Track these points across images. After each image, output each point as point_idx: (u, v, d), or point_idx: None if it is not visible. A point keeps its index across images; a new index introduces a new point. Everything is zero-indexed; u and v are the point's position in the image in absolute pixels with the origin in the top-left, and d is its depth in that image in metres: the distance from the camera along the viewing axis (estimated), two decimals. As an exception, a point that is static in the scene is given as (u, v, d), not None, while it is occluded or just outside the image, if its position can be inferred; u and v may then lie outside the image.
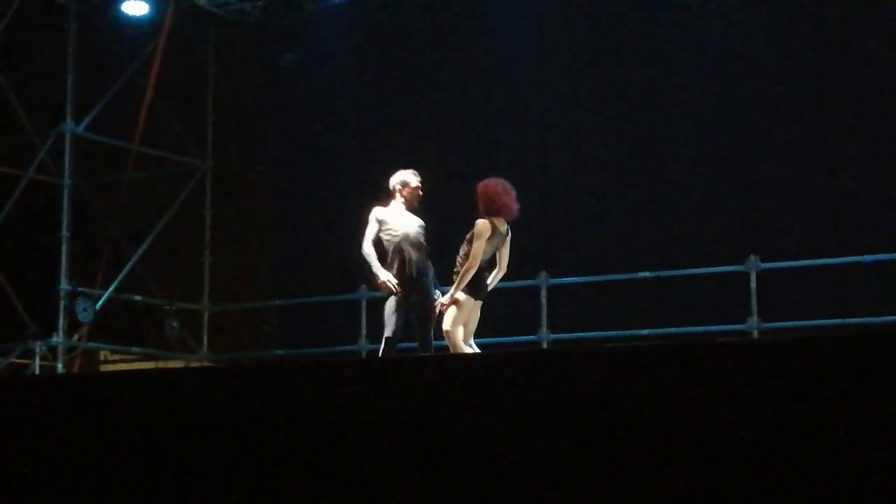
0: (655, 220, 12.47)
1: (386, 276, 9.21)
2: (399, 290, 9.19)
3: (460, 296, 8.93)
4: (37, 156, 13.77)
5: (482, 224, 8.99)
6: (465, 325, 8.97)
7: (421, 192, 9.39)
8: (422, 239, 9.32)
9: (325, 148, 14.44)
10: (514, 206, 9.10)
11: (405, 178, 9.43)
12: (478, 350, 9.07)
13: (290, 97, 14.85)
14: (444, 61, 13.76)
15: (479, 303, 9.04)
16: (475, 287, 8.97)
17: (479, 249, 8.92)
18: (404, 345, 9.38)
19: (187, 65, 15.04)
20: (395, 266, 9.26)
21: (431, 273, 9.31)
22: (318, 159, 14.50)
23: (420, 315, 9.20)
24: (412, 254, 9.25)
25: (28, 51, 14.34)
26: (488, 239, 8.96)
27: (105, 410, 5.19)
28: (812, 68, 11.96)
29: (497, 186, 9.12)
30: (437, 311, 9.03)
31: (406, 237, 9.29)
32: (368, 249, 9.32)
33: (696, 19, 12.42)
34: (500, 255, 9.10)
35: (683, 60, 12.48)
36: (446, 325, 8.94)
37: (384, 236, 9.31)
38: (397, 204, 9.39)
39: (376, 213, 9.39)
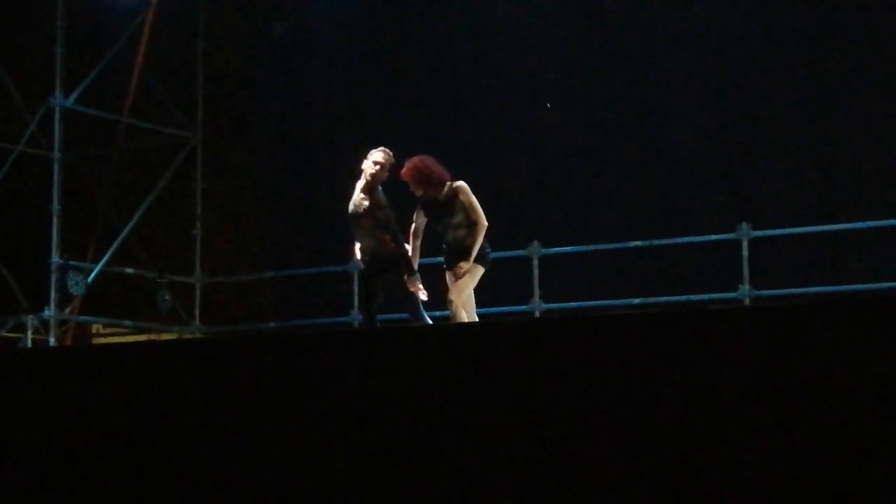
0: (647, 189, 12.47)
1: (355, 248, 9.20)
2: (361, 262, 9.17)
3: (475, 267, 8.84)
4: (26, 129, 13.73)
5: (464, 184, 8.95)
6: (461, 292, 8.88)
7: (372, 172, 8.97)
8: (367, 220, 9.00)
9: (316, 119, 14.41)
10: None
11: (369, 154, 9.15)
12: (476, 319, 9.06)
13: (281, 69, 14.81)
14: (437, 33, 13.71)
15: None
16: (484, 255, 8.93)
17: (478, 206, 8.87)
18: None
19: (177, 36, 14.97)
20: (357, 244, 9.23)
21: (401, 248, 8.97)
22: (309, 130, 14.47)
23: (403, 294, 9.06)
24: (364, 237, 9.08)
25: (16, 23, 14.27)
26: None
27: (98, 383, 5.19)
28: (803, 35, 11.94)
29: (427, 160, 9.00)
30: (456, 279, 8.87)
31: (352, 217, 9.12)
32: None
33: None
34: (421, 226, 9.05)
35: (674, 30, 12.45)
36: (453, 295, 8.84)
37: None
38: (362, 181, 9.14)
39: None
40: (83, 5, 14.27)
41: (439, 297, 9.04)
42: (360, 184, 9.11)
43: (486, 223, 8.84)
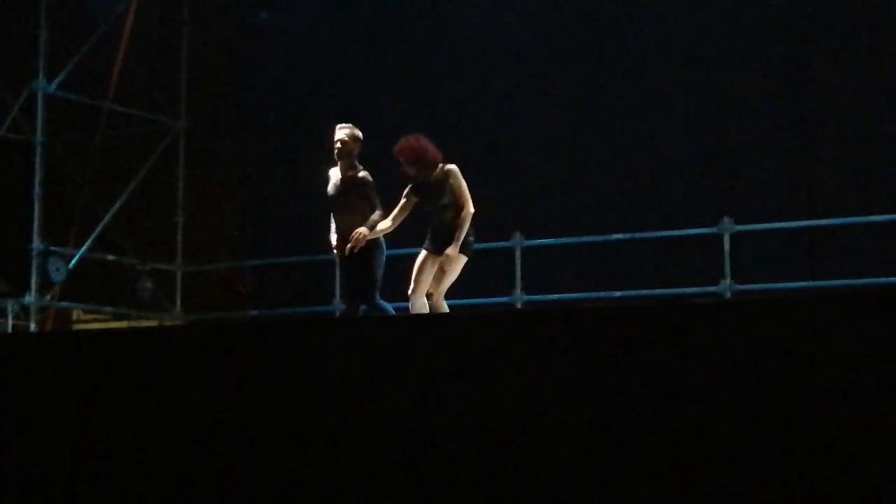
0: (629, 183, 12.49)
1: (330, 237, 9.15)
2: (335, 251, 9.11)
3: (458, 257, 8.76)
4: (9, 114, 13.68)
5: (456, 167, 8.90)
6: (442, 282, 8.85)
7: (338, 148, 9.04)
8: (344, 199, 9.02)
9: (300, 106, 14.38)
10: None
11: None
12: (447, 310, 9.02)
13: (266, 56, 14.78)
14: (421, 20, 13.71)
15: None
16: (468, 244, 8.86)
17: (467, 191, 8.81)
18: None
19: (161, 23, 14.94)
20: (332, 228, 9.20)
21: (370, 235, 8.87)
22: (294, 118, 14.44)
23: (361, 282, 9.00)
24: (338, 218, 9.06)
25: (0, 8, 14.21)
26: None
27: (78, 369, 5.18)
28: (786, 29, 11.98)
29: (422, 139, 8.96)
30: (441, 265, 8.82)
31: (334, 197, 9.13)
32: None
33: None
34: (410, 205, 8.99)
35: (658, 25, 12.47)
36: (433, 287, 8.72)
37: None
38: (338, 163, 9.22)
39: None
40: (67, -11, 14.23)
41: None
42: (336, 168, 9.14)
43: (472, 210, 8.79)
